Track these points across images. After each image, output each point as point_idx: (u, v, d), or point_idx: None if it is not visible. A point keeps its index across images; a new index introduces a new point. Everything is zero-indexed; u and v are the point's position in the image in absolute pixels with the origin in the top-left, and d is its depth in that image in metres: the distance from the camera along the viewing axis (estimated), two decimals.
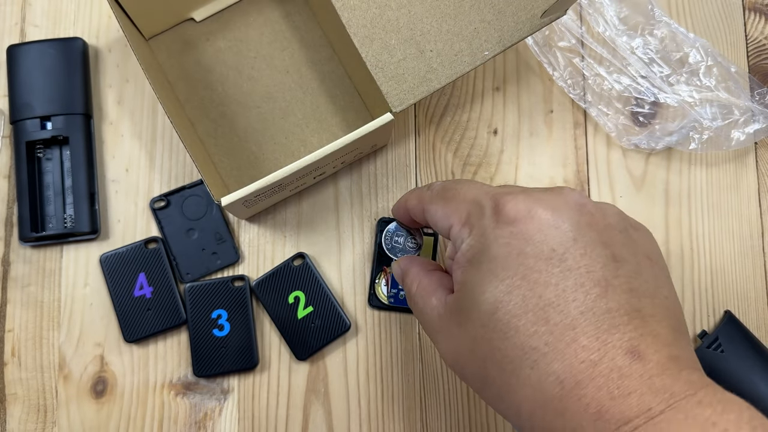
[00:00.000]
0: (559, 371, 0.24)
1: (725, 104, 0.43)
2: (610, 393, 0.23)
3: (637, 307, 0.25)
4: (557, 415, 0.24)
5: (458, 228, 0.29)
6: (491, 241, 0.27)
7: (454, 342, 0.28)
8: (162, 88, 0.37)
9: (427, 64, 0.35)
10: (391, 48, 0.34)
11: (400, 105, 0.34)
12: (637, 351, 0.24)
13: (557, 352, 0.24)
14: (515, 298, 0.25)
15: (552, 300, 0.25)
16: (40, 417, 0.41)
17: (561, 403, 0.24)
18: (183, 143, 0.34)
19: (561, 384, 0.24)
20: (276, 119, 0.43)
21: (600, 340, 0.24)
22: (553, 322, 0.25)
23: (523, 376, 0.25)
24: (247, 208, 0.38)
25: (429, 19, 0.35)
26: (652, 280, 0.27)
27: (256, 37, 0.43)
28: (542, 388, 0.24)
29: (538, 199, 0.27)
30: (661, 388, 0.23)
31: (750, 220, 0.44)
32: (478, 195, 0.29)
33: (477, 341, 0.27)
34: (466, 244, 0.28)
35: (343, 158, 0.39)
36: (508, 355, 0.25)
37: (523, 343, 0.25)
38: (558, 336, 0.24)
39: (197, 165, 0.34)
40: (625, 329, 0.24)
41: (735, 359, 0.40)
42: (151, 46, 0.43)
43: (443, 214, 0.30)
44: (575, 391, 0.24)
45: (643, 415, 0.23)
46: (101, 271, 0.42)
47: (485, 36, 0.35)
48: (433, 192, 0.32)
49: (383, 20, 0.34)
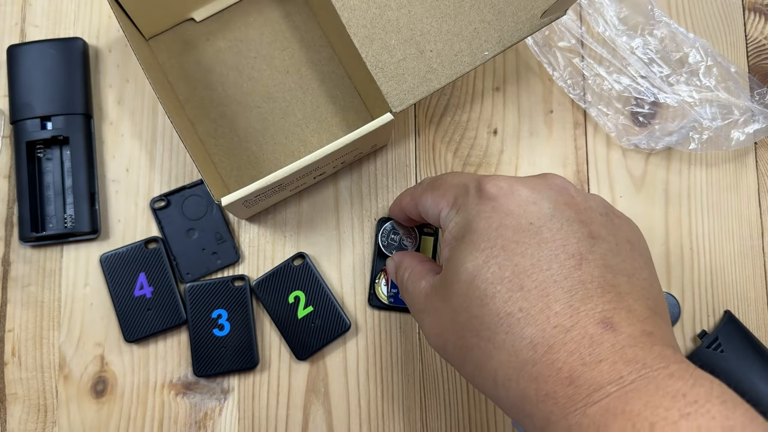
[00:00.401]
0: (533, 335, 0.25)
1: (725, 104, 0.43)
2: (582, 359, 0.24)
3: (613, 283, 0.26)
4: (531, 380, 0.25)
5: (446, 211, 0.31)
6: (473, 216, 0.28)
7: (437, 316, 0.29)
8: (162, 88, 0.37)
9: (427, 64, 0.35)
10: (391, 48, 0.34)
11: (400, 105, 0.34)
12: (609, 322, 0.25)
13: (530, 317, 0.25)
14: (492, 267, 0.26)
15: (527, 268, 0.26)
16: (41, 417, 0.41)
17: (534, 368, 0.25)
18: (183, 143, 0.35)
19: (534, 348, 0.25)
20: (276, 119, 0.43)
21: (573, 307, 0.25)
22: (526, 288, 0.26)
23: (498, 342, 0.26)
24: (247, 208, 0.38)
25: (429, 20, 0.35)
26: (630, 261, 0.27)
27: (256, 37, 0.43)
28: (516, 352, 0.25)
29: (520, 179, 0.29)
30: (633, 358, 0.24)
31: (750, 220, 0.44)
32: (463, 179, 0.30)
33: (457, 311, 0.28)
34: (453, 223, 0.30)
35: (343, 158, 0.39)
36: (484, 321, 0.26)
37: (498, 309, 0.26)
38: (532, 302, 0.25)
39: (197, 165, 0.34)
40: (599, 300, 0.25)
41: (735, 359, 0.40)
42: (151, 46, 0.43)
43: (433, 201, 0.32)
44: (548, 355, 0.24)
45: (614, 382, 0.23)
46: (101, 271, 0.42)
47: (485, 36, 0.35)
48: (423, 185, 0.34)
49: (383, 20, 0.35)
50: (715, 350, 0.41)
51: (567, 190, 0.28)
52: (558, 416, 0.24)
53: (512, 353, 0.25)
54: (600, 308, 0.25)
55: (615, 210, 0.30)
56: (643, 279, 0.27)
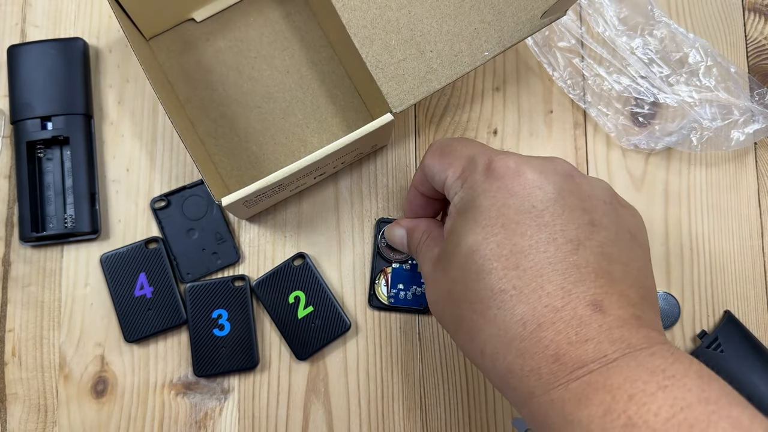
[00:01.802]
0: (523, 313, 0.26)
1: (725, 104, 0.43)
2: (569, 338, 0.25)
3: (607, 270, 0.26)
4: (518, 355, 0.26)
5: (452, 180, 0.31)
6: (479, 194, 0.28)
7: (438, 285, 0.30)
8: (162, 88, 0.37)
9: (427, 65, 0.35)
10: (392, 48, 0.34)
11: (400, 105, 0.34)
12: (599, 304, 0.25)
13: (523, 295, 0.26)
14: (491, 244, 0.27)
15: (524, 248, 0.26)
16: (41, 417, 0.41)
17: (522, 343, 0.26)
18: (183, 143, 0.35)
19: (524, 325, 0.26)
20: (276, 119, 0.43)
21: (565, 289, 0.26)
22: (522, 268, 0.26)
23: (490, 316, 0.27)
24: (247, 208, 0.38)
25: (429, 20, 0.35)
26: (628, 251, 0.28)
27: (257, 38, 0.43)
28: (506, 328, 0.26)
29: (528, 161, 0.29)
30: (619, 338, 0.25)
31: (750, 220, 0.44)
32: (473, 152, 0.31)
33: (455, 282, 0.28)
34: (458, 197, 0.30)
35: (343, 158, 0.39)
36: (479, 295, 0.27)
37: (493, 284, 0.27)
38: (526, 281, 0.26)
39: (197, 165, 0.34)
40: (591, 284, 0.26)
41: (735, 359, 0.40)
42: (151, 46, 0.43)
43: (440, 167, 0.32)
44: (536, 333, 0.25)
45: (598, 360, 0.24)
46: (102, 271, 0.42)
47: (485, 36, 0.35)
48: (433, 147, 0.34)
49: (383, 21, 0.35)
50: (715, 350, 0.41)
51: (573, 177, 0.29)
52: (541, 391, 0.25)
53: (502, 328, 0.26)
54: (592, 291, 0.26)
55: (620, 199, 0.30)
56: (638, 269, 0.28)
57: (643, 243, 0.29)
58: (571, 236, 0.27)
